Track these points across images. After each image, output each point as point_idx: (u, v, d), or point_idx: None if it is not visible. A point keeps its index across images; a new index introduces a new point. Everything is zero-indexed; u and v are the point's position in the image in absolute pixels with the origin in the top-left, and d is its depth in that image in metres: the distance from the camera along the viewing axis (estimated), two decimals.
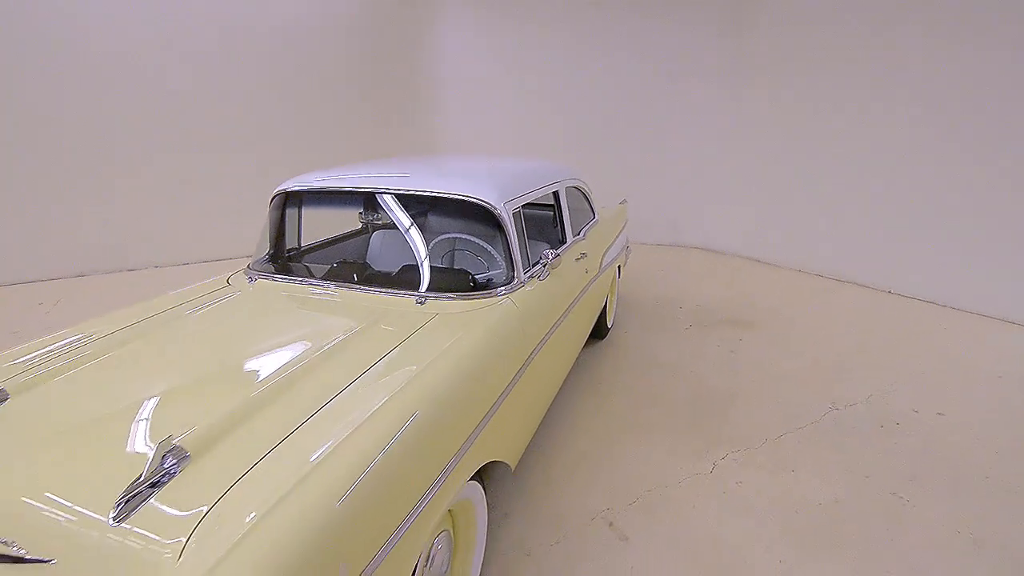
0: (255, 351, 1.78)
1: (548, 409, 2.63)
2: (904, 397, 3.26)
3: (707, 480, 2.50)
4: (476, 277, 2.25)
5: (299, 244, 2.77)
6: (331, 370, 1.57)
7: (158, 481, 1.17)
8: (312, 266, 2.63)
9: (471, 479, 1.70)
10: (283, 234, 2.64)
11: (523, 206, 2.47)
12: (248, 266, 2.52)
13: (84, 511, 1.15)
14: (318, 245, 2.81)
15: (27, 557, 1.15)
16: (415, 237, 2.31)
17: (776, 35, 5.95)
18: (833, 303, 5.06)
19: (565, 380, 3.07)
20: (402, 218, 2.33)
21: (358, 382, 1.52)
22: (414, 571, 1.39)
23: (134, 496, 1.14)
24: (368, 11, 6.77)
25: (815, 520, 2.24)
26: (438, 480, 1.42)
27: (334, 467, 1.19)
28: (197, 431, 1.27)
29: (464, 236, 2.36)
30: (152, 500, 1.14)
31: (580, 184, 3.50)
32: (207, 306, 2.07)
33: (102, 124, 5.53)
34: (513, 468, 2.00)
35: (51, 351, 1.73)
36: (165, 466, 1.19)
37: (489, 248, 2.33)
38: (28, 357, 1.70)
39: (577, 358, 3.25)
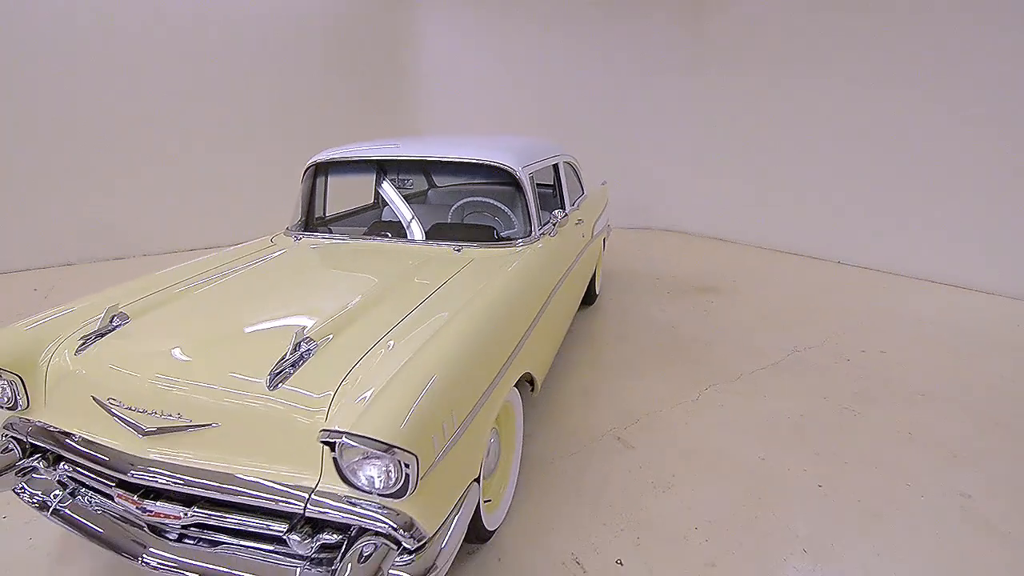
0: (341, 277, 2.09)
1: (558, 350, 3.00)
2: (853, 341, 3.79)
3: (694, 405, 2.93)
4: (500, 231, 2.60)
5: (324, 212, 3.05)
6: (410, 289, 1.91)
7: (296, 363, 1.48)
8: (350, 228, 2.91)
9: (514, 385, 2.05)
10: (315, 201, 2.92)
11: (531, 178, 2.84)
12: (287, 228, 2.79)
13: (238, 388, 1.44)
14: (351, 212, 3.09)
15: (194, 424, 1.44)
16: (446, 198, 2.64)
17: (738, 31, 6.52)
18: (789, 272, 5.64)
19: (566, 335, 3.44)
20: (433, 182, 2.66)
21: (434, 296, 1.86)
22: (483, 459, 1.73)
23: (279, 373, 1.44)
24: (356, 7, 6.98)
25: (784, 428, 2.70)
26: (501, 371, 1.76)
27: (439, 346, 1.53)
28: (319, 327, 1.58)
29: (489, 196, 2.71)
30: (296, 375, 1.45)
31: (573, 161, 3.89)
32: (271, 256, 2.35)
33: (85, 121, 5.56)
34: (539, 385, 2.35)
35: (147, 291, 1.98)
36: (300, 351, 1.50)
37: (510, 206, 2.68)
38: (128, 293, 1.95)
39: (573, 319, 3.63)
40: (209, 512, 1.44)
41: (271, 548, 1.46)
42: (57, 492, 1.69)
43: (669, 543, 1.95)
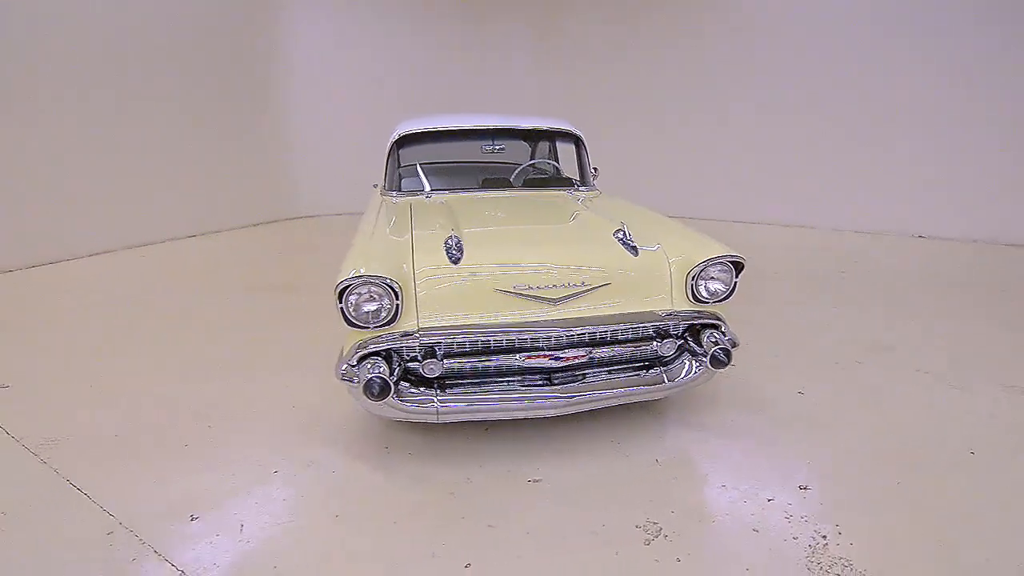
0: (542, 207, 2.82)
1: None
2: None
3: None
4: (577, 180, 3.50)
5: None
6: (601, 208, 2.76)
7: (631, 243, 2.26)
8: (465, 183, 3.35)
9: None
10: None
11: None
12: (384, 190, 3.19)
13: (620, 260, 2.17)
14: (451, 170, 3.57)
15: (594, 286, 2.11)
16: (524, 157, 3.43)
17: (572, 38, 8.28)
18: None
19: None
20: (526, 145, 3.41)
21: (617, 208, 2.77)
22: None
23: (631, 249, 2.22)
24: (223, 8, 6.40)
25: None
26: None
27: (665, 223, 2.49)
28: (620, 224, 2.35)
29: (553, 156, 3.58)
30: (640, 250, 2.24)
31: None
32: (444, 201, 2.86)
33: None
34: None
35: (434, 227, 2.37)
36: (628, 237, 2.28)
37: (578, 161, 3.59)
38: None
39: None
40: (604, 347, 2.14)
41: (632, 367, 2.25)
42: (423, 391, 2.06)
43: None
